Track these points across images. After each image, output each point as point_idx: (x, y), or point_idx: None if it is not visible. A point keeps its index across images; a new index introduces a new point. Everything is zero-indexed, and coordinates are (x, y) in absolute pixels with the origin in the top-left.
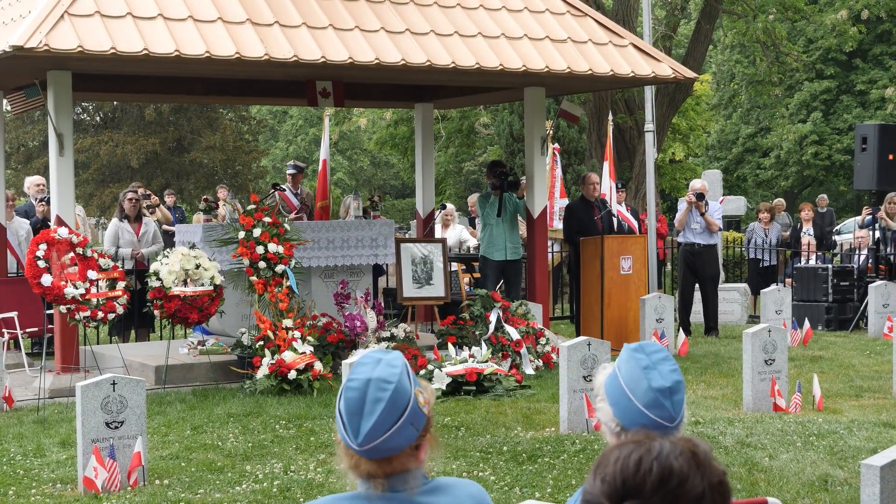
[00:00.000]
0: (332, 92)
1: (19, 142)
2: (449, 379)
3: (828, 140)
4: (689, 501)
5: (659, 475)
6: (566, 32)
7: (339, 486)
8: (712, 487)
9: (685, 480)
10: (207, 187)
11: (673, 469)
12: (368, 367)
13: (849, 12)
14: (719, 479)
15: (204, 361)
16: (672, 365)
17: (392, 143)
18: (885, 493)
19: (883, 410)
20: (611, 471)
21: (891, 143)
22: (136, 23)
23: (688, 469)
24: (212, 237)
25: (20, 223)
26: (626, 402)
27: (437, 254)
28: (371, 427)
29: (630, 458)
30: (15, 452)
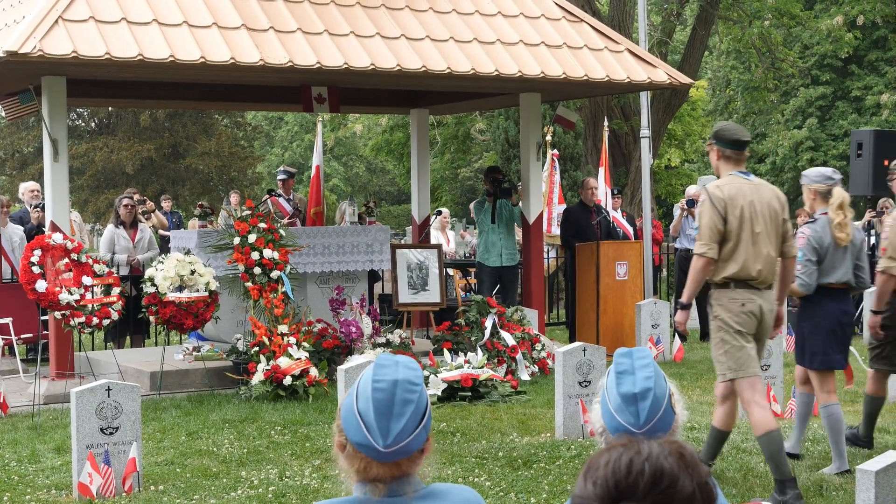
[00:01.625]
0: (327, 97)
1: (14, 148)
2: (444, 385)
3: (823, 146)
4: (680, 501)
5: (651, 476)
6: (562, 38)
7: (335, 492)
8: (700, 487)
9: (676, 481)
10: (203, 193)
11: (664, 470)
12: (391, 369)
13: (844, 18)
14: (705, 480)
15: (199, 367)
16: (649, 372)
17: (388, 149)
18: (880, 497)
19: (878, 416)
20: (602, 474)
21: (886, 149)
22: (130, 28)
23: (678, 469)
24: (207, 243)
25: (14, 229)
26: (605, 405)
27: (432, 260)
28: (401, 428)
29: (621, 461)
30: (10, 458)
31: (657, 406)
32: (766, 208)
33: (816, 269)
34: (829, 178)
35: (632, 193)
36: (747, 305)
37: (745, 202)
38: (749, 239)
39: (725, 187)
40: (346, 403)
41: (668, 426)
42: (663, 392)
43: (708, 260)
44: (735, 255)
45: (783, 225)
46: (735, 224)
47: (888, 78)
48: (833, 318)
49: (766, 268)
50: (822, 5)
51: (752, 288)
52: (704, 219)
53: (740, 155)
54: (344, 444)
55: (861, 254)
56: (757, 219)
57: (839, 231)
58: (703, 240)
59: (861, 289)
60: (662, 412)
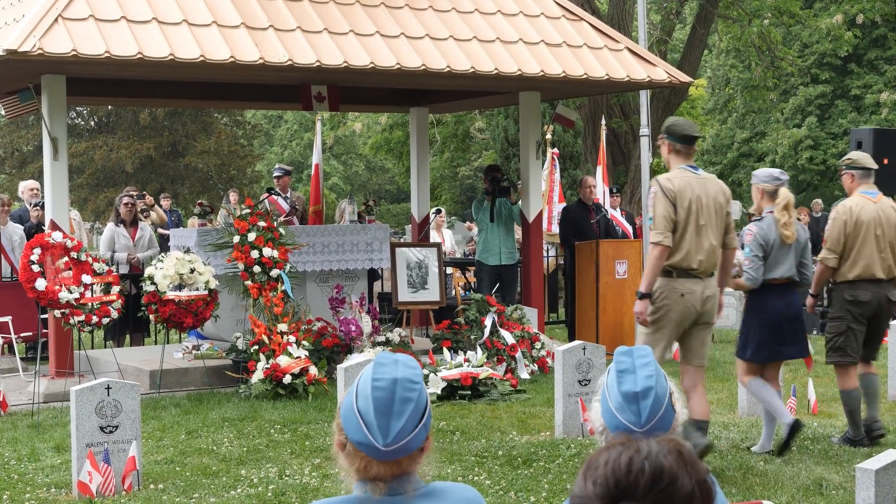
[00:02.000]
0: (326, 96)
1: (13, 146)
2: (444, 383)
3: (823, 145)
4: (680, 500)
5: (651, 475)
6: (561, 36)
7: (334, 491)
8: (699, 485)
9: (675, 479)
10: (202, 192)
11: (664, 468)
12: (391, 368)
13: (844, 17)
14: (703, 478)
15: (199, 366)
16: (650, 371)
17: (387, 148)
18: (880, 496)
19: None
20: (602, 473)
21: (886, 148)
22: (130, 26)
23: (677, 467)
24: (207, 241)
25: (14, 228)
26: (606, 404)
27: (431, 258)
28: (401, 427)
29: (620, 460)
30: (9, 457)
31: (658, 405)
32: (711, 202)
33: (762, 264)
34: (777, 178)
35: (631, 192)
36: (687, 297)
37: (692, 195)
38: (694, 231)
39: (675, 180)
40: (345, 402)
41: (668, 425)
42: (664, 391)
43: (664, 248)
44: (680, 246)
45: (726, 218)
46: (683, 216)
47: (888, 77)
48: (777, 312)
49: (708, 258)
50: (821, 4)
51: (693, 277)
52: (658, 209)
53: (689, 149)
54: (344, 442)
55: (805, 251)
56: (702, 212)
57: (785, 230)
58: (658, 229)
59: (805, 284)
60: (663, 411)
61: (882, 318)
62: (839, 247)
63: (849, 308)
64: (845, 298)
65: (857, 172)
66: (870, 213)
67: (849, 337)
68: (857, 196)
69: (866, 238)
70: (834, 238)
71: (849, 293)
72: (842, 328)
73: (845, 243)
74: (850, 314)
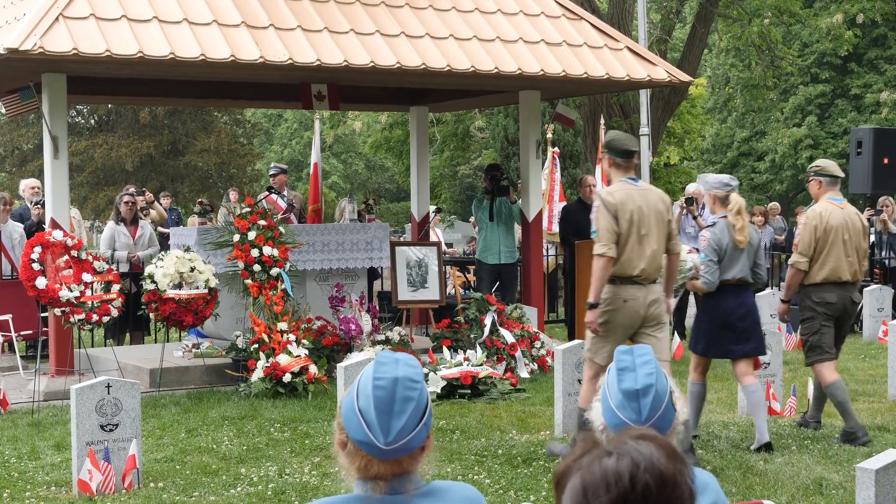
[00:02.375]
0: (326, 95)
1: (14, 145)
2: (444, 382)
3: (823, 144)
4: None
5: (656, 484)
6: (561, 36)
7: (334, 489)
8: (691, 480)
9: (677, 483)
10: (202, 190)
11: (664, 475)
12: (391, 367)
13: (844, 16)
14: (690, 470)
15: (198, 364)
16: (650, 369)
17: (387, 147)
18: (880, 496)
19: (878, 414)
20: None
21: (886, 147)
22: (130, 25)
23: (674, 469)
24: (207, 240)
25: (14, 226)
26: (606, 402)
27: (431, 257)
28: (402, 426)
29: (622, 479)
30: (9, 455)
31: (659, 403)
32: (652, 211)
33: (717, 268)
34: (727, 184)
35: None
36: (630, 302)
37: (633, 207)
38: (636, 240)
39: (616, 193)
40: (346, 401)
41: (669, 423)
42: (664, 389)
43: (608, 259)
44: (623, 255)
45: (668, 225)
46: (625, 227)
47: (888, 76)
48: (729, 312)
49: (650, 266)
50: (821, 3)
51: (636, 283)
52: (601, 222)
53: (629, 163)
54: (345, 441)
55: (759, 253)
56: (643, 221)
57: (738, 234)
58: (603, 241)
59: (758, 284)
60: (664, 409)
61: (845, 319)
62: (810, 251)
63: (817, 309)
64: (813, 300)
65: (824, 179)
66: (838, 219)
67: (822, 335)
68: (824, 202)
69: (835, 242)
70: (805, 242)
71: (816, 295)
72: (814, 328)
73: (815, 247)
74: (819, 314)
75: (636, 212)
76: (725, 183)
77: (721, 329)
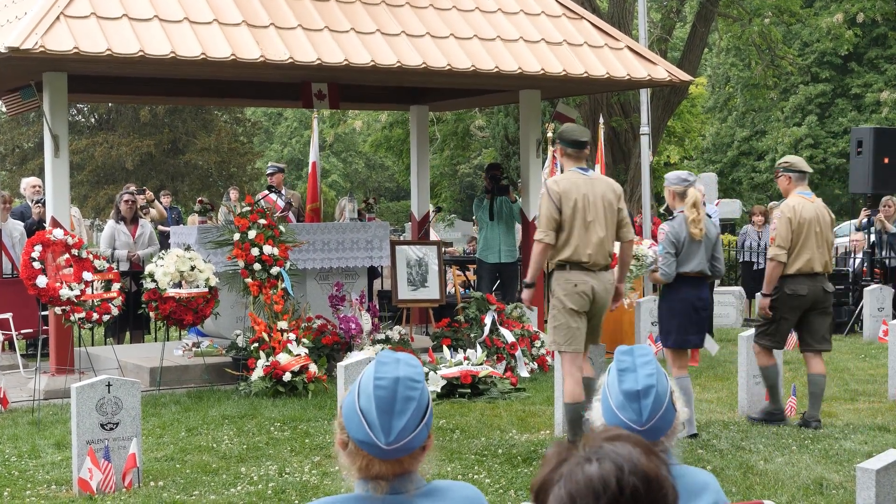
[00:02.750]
0: (327, 94)
1: (14, 143)
2: (444, 381)
3: (823, 143)
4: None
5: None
6: (562, 35)
7: (334, 488)
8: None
9: (661, 481)
10: (202, 189)
11: (649, 475)
12: (392, 366)
13: (844, 16)
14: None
15: (199, 363)
16: (651, 369)
17: (387, 146)
18: (880, 496)
19: (878, 414)
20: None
21: (886, 147)
22: (131, 24)
23: (655, 467)
24: (207, 239)
25: (14, 225)
26: (606, 403)
27: (431, 256)
28: (403, 426)
29: (609, 485)
30: (10, 453)
31: (659, 403)
32: (599, 200)
33: (675, 260)
34: (685, 180)
35: (631, 190)
36: (579, 286)
37: (578, 195)
38: (581, 227)
39: (562, 182)
40: (347, 401)
41: (669, 424)
42: (665, 390)
43: (545, 245)
44: (569, 241)
45: (618, 213)
46: (569, 214)
47: (888, 75)
48: (688, 303)
49: (598, 252)
50: (821, 3)
51: (585, 270)
52: (543, 209)
53: (580, 153)
54: (346, 441)
55: (716, 246)
56: (589, 209)
57: (693, 227)
58: (541, 227)
59: (716, 277)
60: (664, 410)
61: (818, 310)
62: (788, 243)
63: (787, 301)
64: (786, 292)
65: (793, 175)
66: (810, 212)
67: (781, 325)
68: (796, 196)
69: (808, 235)
70: (783, 236)
71: (789, 287)
72: (776, 317)
73: (791, 239)
74: (786, 306)
75: (581, 199)
76: (683, 179)
77: (680, 320)
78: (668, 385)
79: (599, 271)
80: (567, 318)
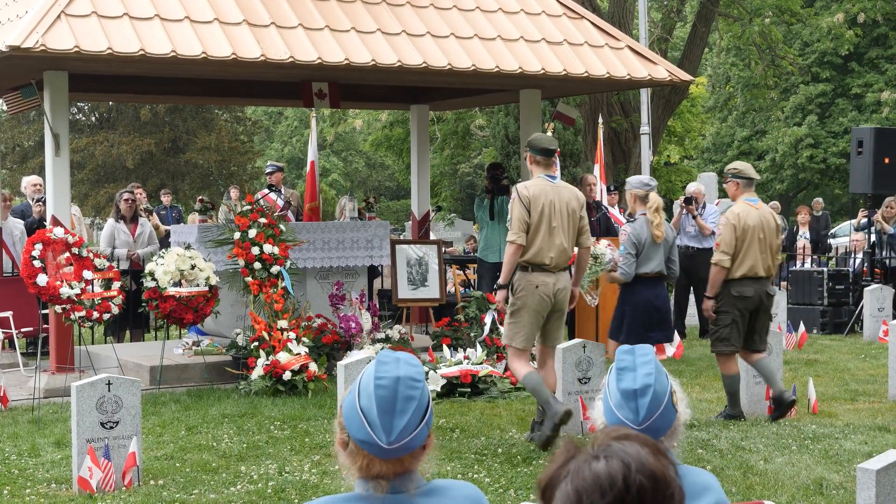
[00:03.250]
0: (327, 93)
1: (15, 142)
2: (444, 381)
3: (823, 143)
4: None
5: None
6: (562, 35)
7: (334, 488)
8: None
9: (668, 480)
10: (202, 188)
11: (656, 474)
12: (393, 366)
13: (845, 16)
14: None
15: (199, 362)
16: (650, 369)
17: (387, 145)
18: (881, 497)
19: (878, 414)
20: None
21: (886, 147)
22: (132, 23)
23: (662, 467)
24: (207, 238)
25: (14, 223)
26: (606, 402)
27: (431, 255)
28: (405, 425)
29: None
30: (10, 452)
31: (657, 403)
32: (564, 206)
33: (635, 261)
34: (647, 184)
35: None
36: (541, 287)
37: (546, 201)
38: (546, 231)
39: (531, 187)
40: (347, 401)
41: (668, 424)
42: (664, 389)
43: (517, 246)
44: (534, 244)
45: (580, 221)
46: (536, 218)
47: (888, 75)
48: (649, 302)
49: (559, 256)
50: (822, 2)
51: (546, 271)
52: (514, 213)
53: (548, 161)
54: (346, 441)
55: (673, 249)
56: (555, 215)
57: (656, 230)
58: (514, 229)
59: (672, 278)
60: (663, 409)
61: (762, 311)
62: (732, 249)
63: (735, 303)
64: (732, 294)
65: (741, 181)
66: (755, 219)
67: (733, 329)
68: (741, 203)
69: (752, 240)
70: (727, 241)
71: (735, 290)
72: (727, 321)
73: (736, 245)
74: (735, 309)
75: (548, 205)
76: (645, 183)
77: (640, 317)
78: (669, 385)
79: (559, 272)
80: (525, 317)
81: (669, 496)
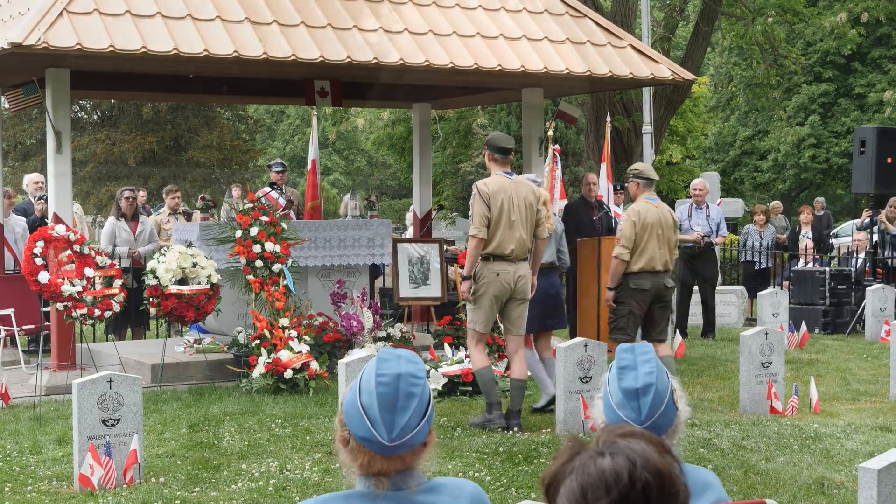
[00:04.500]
0: (329, 91)
1: (16, 139)
2: (445, 379)
3: (825, 143)
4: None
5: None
6: (565, 33)
7: (336, 486)
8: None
9: (674, 478)
10: (204, 186)
11: (661, 471)
12: (394, 363)
13: (848, 15)
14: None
15: (200, 360)
16: (651, 368)
17: (389, 144)
18: (882, 496)
19: (880, 414)
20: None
21: (889, 147)
22: (134, 21)
23: (668, 464)
24: (209, 236)
25: (16, 220)
26: (607, 401)
27: (433, 254)
28: (406, 422)
29: (621, 478)
30: (11, 449)
31: (658, 402)
32: (521, 201)
33: None
34: (534, 181)
35: None
36: (501, 275)
37: (504, 196)
38: (506, 224)
39: (491, 184)
40: (348, 398)
41: (669, 422)
42: (665, 388)
43: (479, 240)
44: (495, 236)
45: (536, 214)
46: (496, 213)
47: (891, 75)
48: (542, 291)
49: (518, 247)
50: (825, 2)
51: (507, 261)
52: (475, 208)
53: (506, 158)
54: (347, 438)
55: (562, 240)
56: (513, 209)
57: (546, 222)
58: (475, 224)
59: (563, 268)
60: (664, 408)
61: (659, 303)
62: (631, 244)
63: (633, 295)
64: (630, 287)
65: (642, 181)
66: (653, 216)
67: (629, 319)
68: (641, 201)
69: (651, 236)
70: (627, 236)
71: (633, 282)
72: (625, 311)
73: (635, 240)
74: (633, 300)
75: (507, 201)
76: (533, 180)
77: (537, 306)
78: (669, 383)
79: (519, 262)
80: (485, 302)
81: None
